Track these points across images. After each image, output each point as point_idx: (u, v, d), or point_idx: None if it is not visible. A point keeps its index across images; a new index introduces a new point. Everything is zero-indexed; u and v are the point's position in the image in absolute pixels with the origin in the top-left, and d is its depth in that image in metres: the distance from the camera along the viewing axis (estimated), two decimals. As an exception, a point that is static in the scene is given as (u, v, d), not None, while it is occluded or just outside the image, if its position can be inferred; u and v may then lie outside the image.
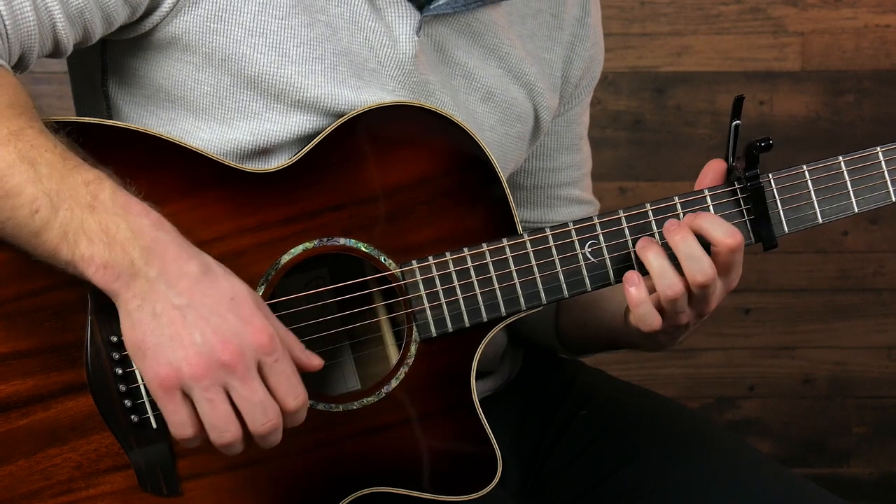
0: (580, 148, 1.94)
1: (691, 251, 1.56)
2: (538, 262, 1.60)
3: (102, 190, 1.42)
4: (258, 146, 1.62)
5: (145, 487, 1.51)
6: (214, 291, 1.42)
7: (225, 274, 1.44)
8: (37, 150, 1.42)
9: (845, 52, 3.24)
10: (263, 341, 1.41)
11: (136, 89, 1.65)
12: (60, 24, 1.53)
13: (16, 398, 1.49)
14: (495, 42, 1.75)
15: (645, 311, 1.57)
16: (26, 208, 1.41)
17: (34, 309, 1.49)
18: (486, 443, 1.61)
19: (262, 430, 1.42)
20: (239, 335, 1.40)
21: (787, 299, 3.33)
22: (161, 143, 1.55)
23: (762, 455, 1.80)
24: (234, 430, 1.42)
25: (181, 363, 1.39)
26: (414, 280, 1.58)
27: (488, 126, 1.76)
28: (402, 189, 1.60)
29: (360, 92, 1.64)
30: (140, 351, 1.41)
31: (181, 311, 1.40)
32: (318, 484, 1.57)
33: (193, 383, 1.40)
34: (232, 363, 1.40)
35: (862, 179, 1.65)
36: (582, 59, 1.84)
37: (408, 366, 1.60)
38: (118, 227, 1.40)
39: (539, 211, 1.92)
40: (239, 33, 1.60)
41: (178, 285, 1.40)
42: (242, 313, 1.41)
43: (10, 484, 1.49)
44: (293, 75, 1.61)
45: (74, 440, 1.50)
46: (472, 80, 1.74)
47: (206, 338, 1.39)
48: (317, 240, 1.57)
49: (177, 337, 1.39)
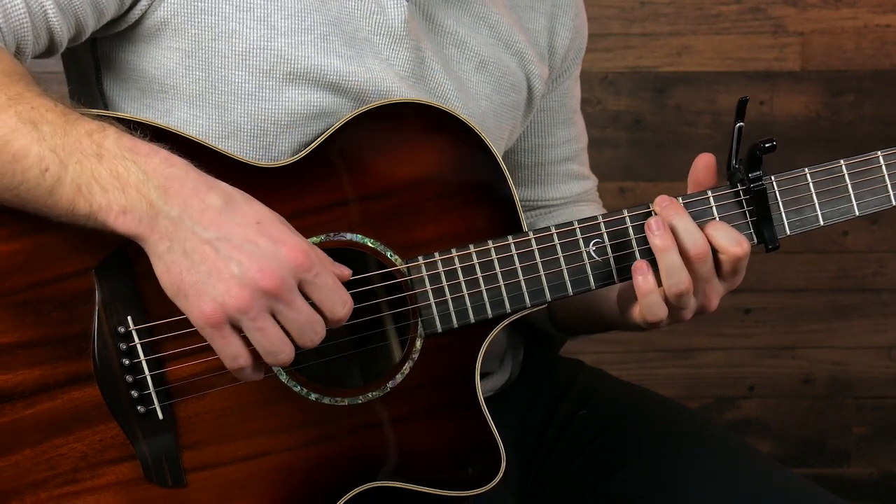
0: (575, 122, 1.95)
1: (674, 260, 1.57)
2: (543, 259, 1.61)
3: (106, 137, 1.41)
4: (256, 127, 1.62)
5: (150, 478, 1.52)
6: (240, 218, 1.41)
7: (246, 200, 1.43)
8: (37, 111, 1.42)
9: (845, 52, 3.24)
10: (300, 259, 1.40)
11: (129, 83, 1.65)
12: (52, 12, 1.53)
13: (22, 388, 1.50)
14: (484, 10, 1.75)
15: (653, 301, 1.57)
16: (36, 168, 1.40)
17: (41, 299, 1.49)
18: (489, 438, 1.62)
19: (313, 343, 1.43)
20: (275, 258, 1.39)
21: (787, 299, 3.33)
22: (168, 137, 1.54)
23: (762, 455, 1.80)
24: (287, 350, 1.42)
25: (225, 297, 1.38)
26: (420, 276, 1.59)
27: (483, 95, 1.76)
28: (410, 186, 1.60)
29: (351, 61, 1.64)
30: (181, 292, 1.40)
31: (212, 244, 1.39)
32: (322, 477, 1.58)
33: (240, 315, 1.39)
34: (274, 289, 1.39)
35: (863, 183, 1.65)
36: (567, 28, 1.85)
37: (413, 361, 1.60)
38: (129, 170, 1.40)
39: (539, 188, 1.93)
40: (226, 9, 1.60)
41: (202, 219, 1.39)
42: (273, 235, 1.40)
43: (15, 473, 1.50)
44: (283, 47, 1.61)
45: (80, 430, 1.51)
46: (465, 49, 1.74)
47: (244, 268, 1.38)
48: (323, 234, 1.57)
49: (214, 271, 1.39)
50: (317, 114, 1.62)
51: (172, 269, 1.40)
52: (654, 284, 1.57)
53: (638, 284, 1.58)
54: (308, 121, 1.63)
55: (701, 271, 1.58)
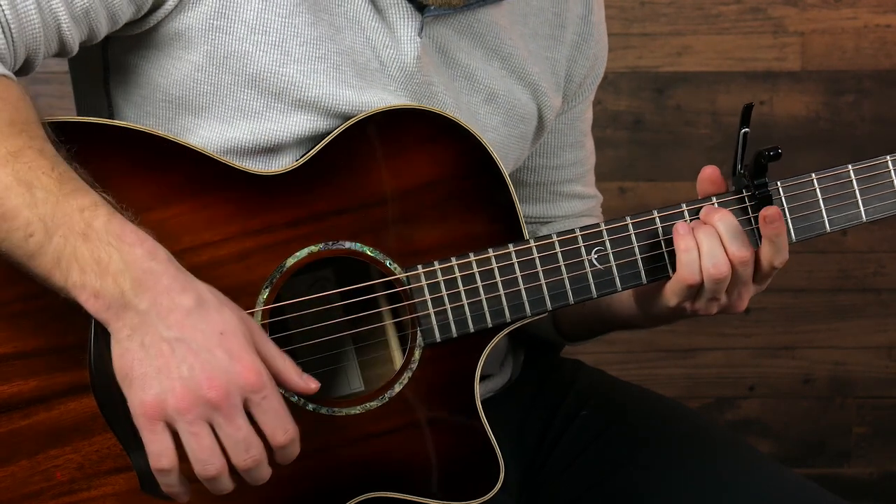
0: (584, 145, 1.94)
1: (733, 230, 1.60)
2: (544, 268, 1.60)
3: (97, 217, 1.41)
4: (258, 145, 1.62)
5: (147, 489, 1.50)
6: (205, 326, 1.41)
7: (218, 306, 1.43)
8: (34, 173, 1.41)
9: (845, 52, 3.24)
10: (251, 379, 1.41)
11: (134, 88, 1.65)
12: (66, 24, 1.53)
13: (18, 398, 1.49)
14: (497, 42, 1.74)
15: (692, 259, 1.59)
16: (21, 231, 1.41)
17: (37, 310, 1.48)
18: (488, 448, 1.61)
19: (245, 465, 1.42)
20: (226, 372, 1.40)
21: (787, 299, 3.33)
22: (165, 144, 1.54)
23: (762, 455, 1.80)
24: (217, 463, 1.42)
25: (167, 395, 1.39)
26: (419, 285, 1.58)
27: (491, 127, 1.75)
28: (409, 193, 1.59)
29: (362, 92, 1.63)
30: (127, 378, 1.41)
31: (170, 343, 1.40)
32: (319, 488, 1.57)
33: (178, 416, 1.40)
34: (217, 400, 1.39)
35: (871, 188, 1.65)
36: (586, 57, 1.84)
37: (412, 370, 1.59)
38: (111, 257, 1.40)
39: (541, 206, 1.92)
40: (242, 30, 1.59)
41: (168, 318, 1.40)
42: (231, 349, 1.41)
43: (11, 484, 1.49)
44: (295, 74, 1.61)
45: (77, 441, 1.50)
46: (475, 82, 1.74)
47: (194, 373, 1.39)
48: (322, 243, 1.57)
49: (164, 369, 1.39)
50: (322, 138, 1.61)
51: (126, 355, 1.41)
52: (695, 244, 1.59)
53: (679, 238, 1.60)
54: (311, 143, 1.62)
55: (742, 273, 1.60)
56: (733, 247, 1.58)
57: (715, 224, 1.60)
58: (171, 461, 1.42)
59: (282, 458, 1.46)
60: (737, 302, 1.64)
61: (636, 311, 1.72)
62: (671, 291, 1.62)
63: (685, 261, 1.59)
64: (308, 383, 1.47)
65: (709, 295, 1.61)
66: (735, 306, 1.65)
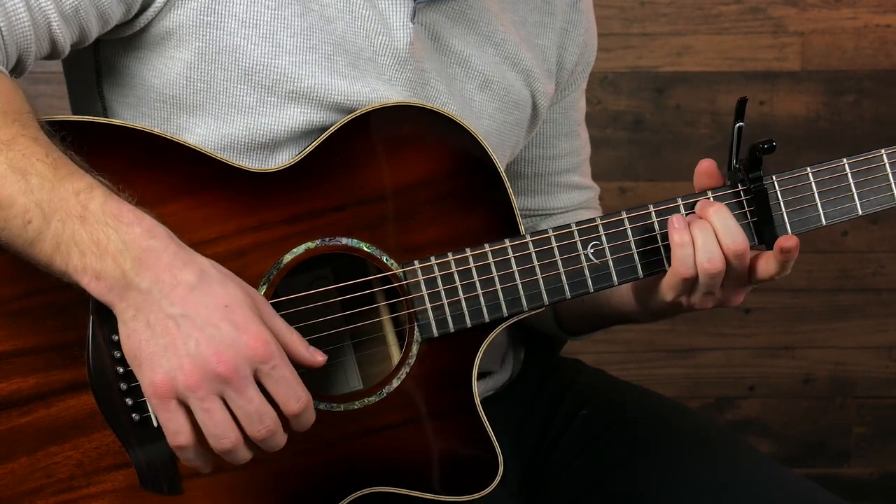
0: (578, 134, 1.94)
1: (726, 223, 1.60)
2: (540, 262, 1.60)
3: (93, 199, 1.42)
4: (254, 141, 1.62)
5: (146, 486, 1.51)
6: (209, 300, 1.41)
7: (221, 279, 1.43)
8: (28, 160, 1.42)
9: (845, 52, 3.24)
10: (259, 349, 1.40)
11: (128, 90, 1.65)
12: (56, 23, 1.53)
13: (17, 396, 1.49)
14: (490, 29, 1.74)
15: (686, 253, 1.59)
16: (19, 219, 1.41)
17: (36, 307, 1.49)
18: (487, 443, 1.61)
19: (260, 435, 1.42)
20: (233, 345, 1.40)
21: (787, 299, 3.33)
22: (162, 142, 1.54)
23: (762, 455, 1.80)
24: (232, 436, 1.42)
25: (176, 372, 1.39)
26: (416, 280, 1.58)
27: (486, 114, 1.76)
28: (406, 189, 1.60)
29: (355, 82, 1.63)
30: (136, 360, 1.41)
31: (175, 320, 1.40)
32: (318, 483, 1.57)
33: (189, 393, 1.40)
34: (226, 374, 1.39)
35: (866, 182, 1.64)
36: (576, 44, 1.84)
37: (409, 366, 1.59)
38: (109, 237, 1.40)
39: (539, 198, 1.93)
40: (232, 25, 1.60)
41: (171, 295, 1.40)
42: (237, 321, 1.41)
43: (11, 481, 1.49)
44: (287, 66, 1.61)
45: (76, 438, 1.50)
46: (469, 68, 1.74)
47: (201, 348, 1.39)
48: (319, 239, 1.57)
49: (171, 346, 1.39)
50: (317, 132, 1.62)
51: (133, 336, 1.41)
52: (689, 238, 1.59)
53: (674, 232, 1.59)
54: (306, 138, 1.62)
55: (737, 267, 1.61)
56: (728, 241, 1.59)
57: (710, 218, 1.60)
58: (188, 438, 1.42)
59: (297, 426, 1.46)
60: (732, 296, 1.64)
61: (635, 306, 1.72)
62: (667, 285, 1.62)
63: (680, 255, 1.59)
64: (314, 356, 1.47)
65: (704, 289, 1.61)
66: (730, 300, 1.65)
